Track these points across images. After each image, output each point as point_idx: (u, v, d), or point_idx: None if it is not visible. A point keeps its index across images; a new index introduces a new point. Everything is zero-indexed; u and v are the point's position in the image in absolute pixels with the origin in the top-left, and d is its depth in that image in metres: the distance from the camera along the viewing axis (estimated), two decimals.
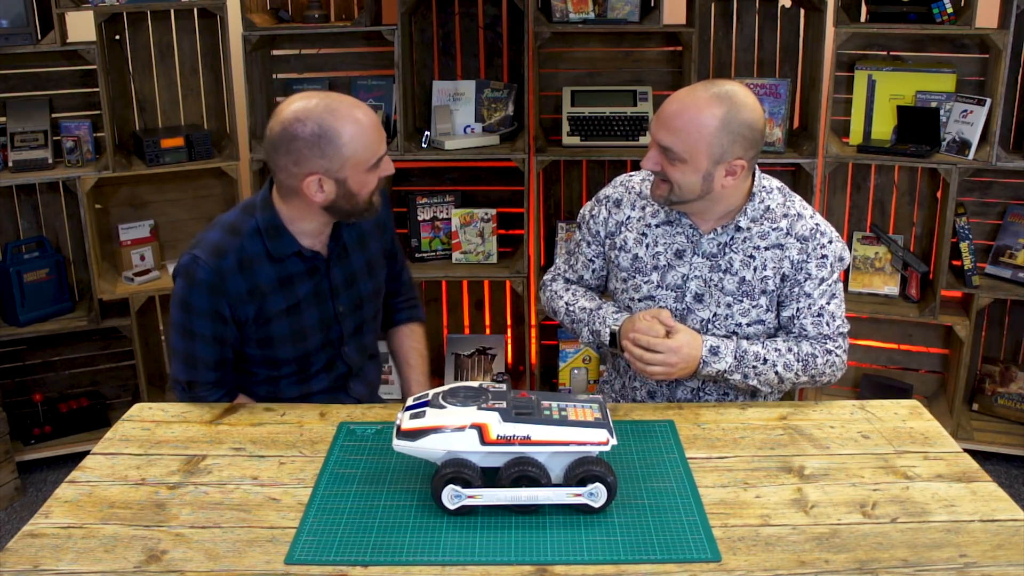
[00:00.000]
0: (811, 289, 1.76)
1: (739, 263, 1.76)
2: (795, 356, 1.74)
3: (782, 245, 1.76)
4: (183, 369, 1.77)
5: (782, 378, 1.74)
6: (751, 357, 1.72)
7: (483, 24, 3.24)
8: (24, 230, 3.17)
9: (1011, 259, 3.04)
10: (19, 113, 3.00)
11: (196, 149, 3.05)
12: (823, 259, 1.75)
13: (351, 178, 1.66)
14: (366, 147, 1.65)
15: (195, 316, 1.72)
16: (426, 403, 1.36)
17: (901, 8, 2.85)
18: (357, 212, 1.72)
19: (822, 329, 1.77)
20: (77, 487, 1.43)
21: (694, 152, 1.63)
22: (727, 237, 1.76)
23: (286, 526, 1.32)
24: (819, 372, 1.76)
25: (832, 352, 1.77)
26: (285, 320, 1.77)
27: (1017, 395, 3.14)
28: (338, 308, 1.83)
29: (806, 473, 1.46)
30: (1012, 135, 3.03)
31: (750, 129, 1.65)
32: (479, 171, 3.35)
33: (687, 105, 1.64)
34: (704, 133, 1.62)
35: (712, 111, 1.62)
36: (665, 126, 1.65)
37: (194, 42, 3.18)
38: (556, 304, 1.95)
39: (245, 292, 1.72)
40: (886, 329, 3.34)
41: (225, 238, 1.72)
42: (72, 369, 3.32)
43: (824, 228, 1.78)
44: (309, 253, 1.76)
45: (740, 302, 1.77)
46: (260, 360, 1.81)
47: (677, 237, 1.79)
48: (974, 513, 1.35)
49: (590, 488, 1.32)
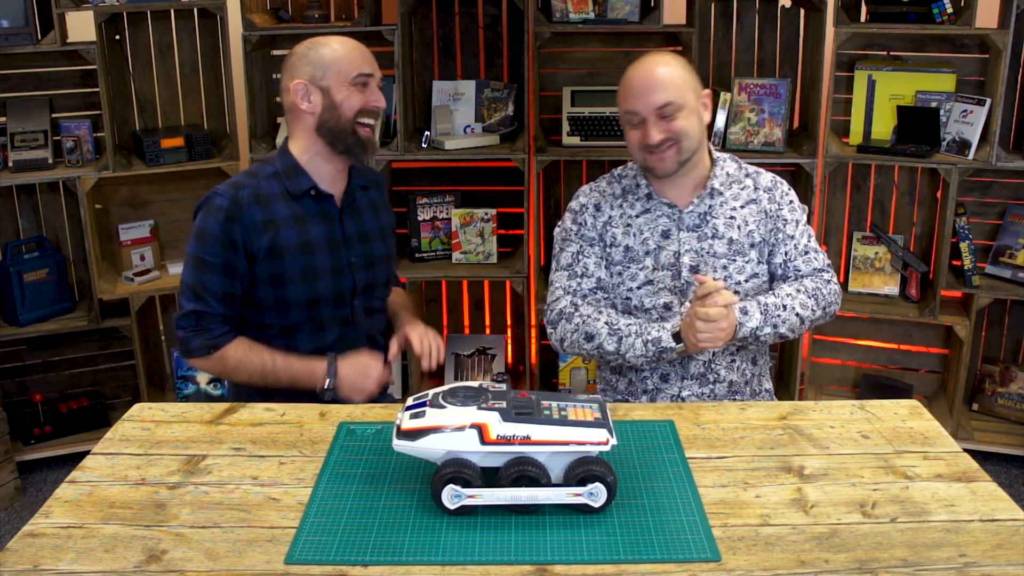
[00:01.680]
0: (792, 231, 1.91)
1: (723, 226, 1.89)
2: (806, 294, 1.85)
3: (755, 200, 1.92)
4: (192, 299, 1.82)
5: (803, 318, 1.83)
6: (772, 308, 1.81)
7: (483, 24, 3.24)
8: (24, 230, 3.18)
9: (1011, 259, 3.04)
10: (19, 113, 3.00)
11: (196, 149, 3.05)
12: (791, 203, 1.94)
13: (334, 88, 1.81)
14: (347, 59, 1.82)
15: (208, 243, 1.80)
16: (426, 403, 1.37)
17: (901, 8, 2.85)
18: (345, 136, 1.84)
19: (813, 264, 1.91)
20: (77, 487, 1.43)
21: (684, 92, 1.81)
22: (705, 206, 1.89)
23: (286, 526, 1.32)
24: (827, 302, 1.89)
25: (830, 281, 1.91)
26: (298, 257, 1.84)
27: (1017, 395, 3.14)
28: (351, 258, 1.91)
29: (806, 473, 1.46)
30: (1012, 135, 3.03)
31: (692, 68, 1.90)
32: (479, 171, 3.35)
33: (651, 67, 1.82)
34: (682, 75, 1.82)
35: (667, 58, 1.85)
36: (652, 89, 1.79)
37: (194, 42, 3.18)
38: (593, 327, 1.83)
39: (260, 222, 1.81)
40: (886, 329, 3.34)
41: (244, 178, 1.87)
42: (72, 369, 3.32)
43: (779, 179, 1.96)
44: (325, 193, 1.87)
45: (734, 261, 1.88)
46: (272, 303, 1.85)
47: (659, 220, 1.90)
48: (974, 513, 1.35)
49: (590, 488, 1.32)
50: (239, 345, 1.84)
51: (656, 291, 1.89)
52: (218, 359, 1.83)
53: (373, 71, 1.86)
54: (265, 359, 1.84)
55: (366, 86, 1.84)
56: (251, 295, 1.85)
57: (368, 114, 1.85)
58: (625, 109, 1.84)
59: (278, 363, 1.84)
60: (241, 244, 1.80)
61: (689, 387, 1.90)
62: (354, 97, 1.83)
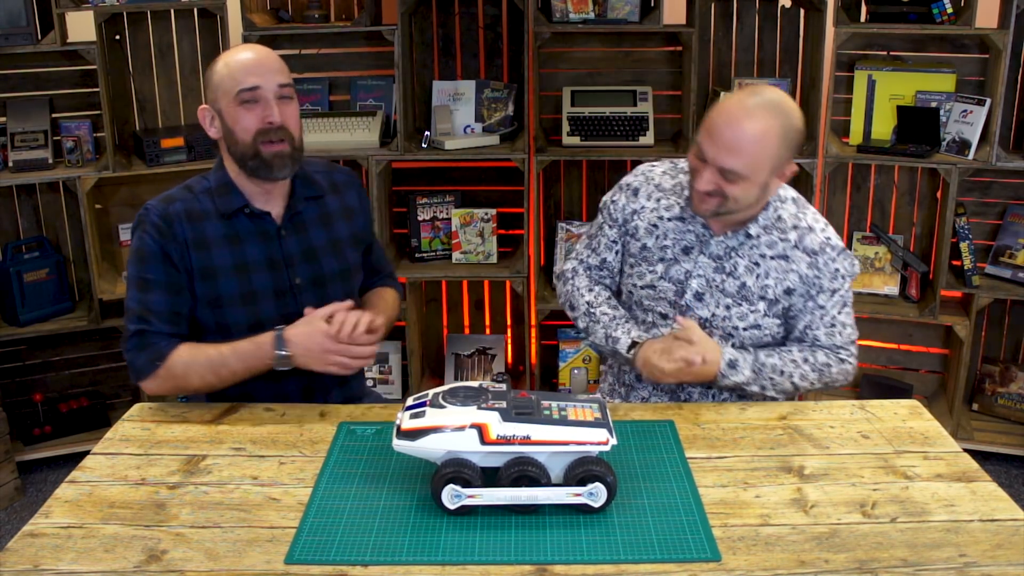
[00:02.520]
0: (824, 302, 1.79)
1: (743, 268, 1.79)
2: (811, 367, 1.78)
3: (788, 257, 1.78)
4: (135, 321, 1.71)
5: (797, 387, 1.77)
6: (768, 370, 1.75)
7: (483, 24, 3.24)
8: (24, 230, 3.17)
9: (1011, 259, 3.04)
10: (19, 113, 3.00)
11: (196, 149, 3.05)
12: (835, 272, 1.78)
13: (224, 110, 1.69)
14: (230, 76, 1.67)
15: (148, 262, 1.71)
16: (426, 403, 1.37)
17: (901, 8, 2.85)
18: (247, 159, 1.70)
19: (835, 340, 1.80)
20: (77, 487, 1.43)
21: (757, 169, 1.64)
22: (736, 242, 1.79)
23: (286, 526, 1.32)
24: (832, 379, 1.80)
25: (845, 361, 1.81)
26: (234, 279, 1.74)
27: (1017, 395, 3.14)
28: (294, 279, 1.79)
29: (806, 473, 1.46)
30: (1012, 135, 3.03)
31: (800, 134, 1.69)
32: (479, 171, 3.35)
33: (746, 125, 1.61)
34: (768, 151, 1.63)
35: (771, 125, 1.62)
36: (728, 149, 1.62)
37: (194, 42, 3.18)
38: (576, 300, 1.93)
39: (190, 239, 1.72)
40: (886, 329, 3.34)
41: (178, 192, 1.77)
42: (72, 369, 3.32)
43: (835, 242, 1.79)
44: (258, 211, 1.76)
45: (739, 305, 1.79)
46: (213, 326, 1.76)
47: (687, 235, 1.82)
48: (974, 513, 1.35)
49: (590, 488, 1.32)
50: (182, 350, 1.70)
51: (656, 298, 1.85)
52: (166, 370, 1.69)
53: (260, 83, 1.66)
54: (211, 353, 1.69)
55: (255, 102, 1.67)
56: (193, 317, 1.76)
57: (266, 133, 1.67)
58: (698, 140, 1.69)
59: (224, 352, 1.69)
60: (179, 260, 1.71)
61: (658, 397, 1.89)
62: (245, 118, 1.67)
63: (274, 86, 1.68)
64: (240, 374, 1.71)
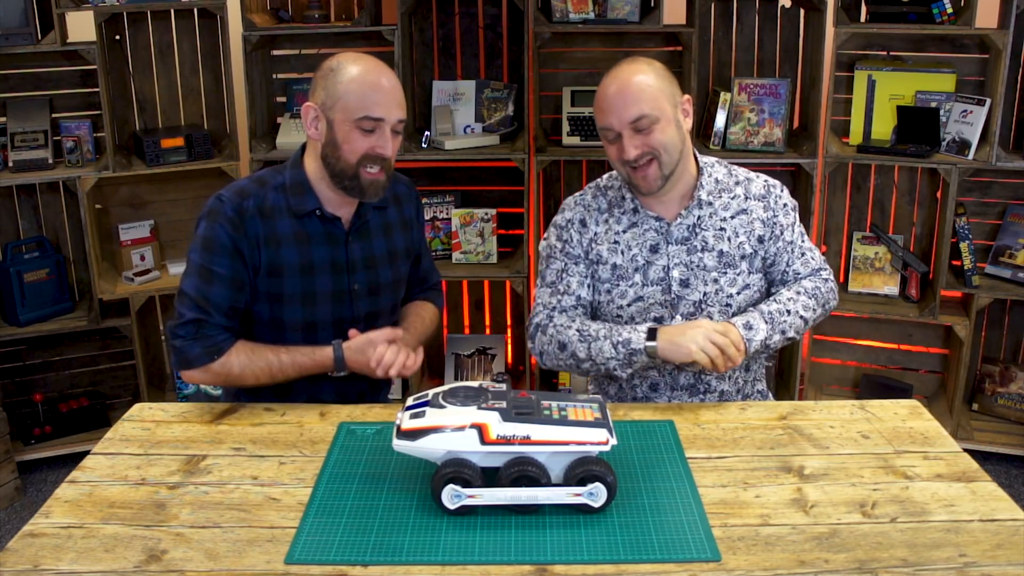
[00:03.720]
0: (789, 237, 1.88)
1: (712, 238, 1.83)
2: (806, 294, 1.83)
3: (745, 210, 1.86)
4: (193, 309, 1.70)
5: (806, 319, 1.82)
6: (777, 315, 1.77)
7: (483, 24, 3.24)
8: (24, 230, 3.18)
9: (1011, 259, 3.04)
10: (19, 113, 3.00)
11: (196, 149, 3.05)
12: (785, 207, 1.88)
13: (337, 123, 1.69)
14: (358, 95, 1.67)
15: (216, 254, 1.71)
16: (426, 403, 1.37)
17: (901, 8, 2.85)
18: (345, 178, 1.71)
19: (810, 264, 1.90)
20: (77, 487, 1.43)
21: (659, 103, 1.72)
22: (693, 218, 1.83)
23: (286, 526, 1.32)
24: (826, 299, 1.88)
25: (827, 280, 1.90)
26: (298, 278, 1.76)
27: (1017, 395, 3.14)
28: (353, 285, 1.81)
29: (806, 473, 1.46)
30: (1012, 135, 3.03)
31: (670, 74, 1.80)
32: (479, 171, 3.35)
33: (623, 78, 1.74)
34: (656, 85, 1.74)
35: (641, 67, 1.76)
36: (624, 104, 1.72)
37: (194, 42, 3.18)
38: (565, 335, 1.81)
39: (262, 236, 1.73)
40: (886, 329, 3.34)
41: (251, 186, 1.77)
42: (72, 369, 3.32)
43: (773, 181, 1.91)
44: (329, 215, 1.77)
45: (724, 274, 1.83)
46: (267, 320, 1.77)
47: (647, 234, 1.85)
48: (974, 513, 1.35)
49: (590, 488, 1.32)
50: (241, 348, 1.73)
51: (647, 307, 1.83)
52: (221, 365, 1.71)
53: (385, 115, 1.68)
54: (270, 358, 1.73)
55: (373, 132, 1.69)
56: (249, 309, 1.78)
57: (372, 160, 1.70)
58: (600, 125, 1.76)
59: (283, 359, 1.74)
60: (247, 255, 1.72)
61: (679, 397, 1.87)
62: (357, 141, 1.68)
63: (395, 120, 1.71)
64: (292, 378, 1.77)
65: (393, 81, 1.72)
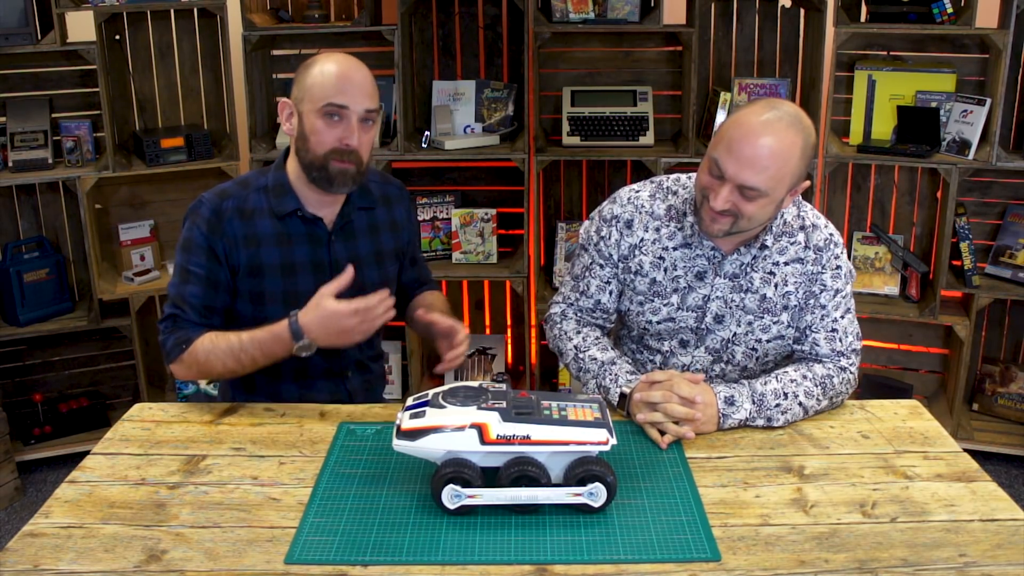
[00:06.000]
0: (826, 301, 1.72)
1: (759, 280, 1.72)
2: (812, 381, 1.65)
3: (801, 259, 1.72)
4: (171, 307, 1.75)
5: (806, 408, 1.63)
6: (770, 396, 1.61)
7: (483, 24, 3.24)
8: (24, 230, 3.18)
9: (1011, 259, 3.04)
10: (19, 113, 3.00)
11: (196, 149, 3.05)
12: (837, 270, 1.73)
13: (306, 114, 1.68)
14: (323, 85, 1.66)
15: (192, 254, 1.74)
16: (426, 403, 1.37)
17: (901, 8, 2.85)
18: (314, 169, 1.70)
19: (835, 346, 1.72)
20: (77, 487, 1.43)
21: (777, 186, 1.57)
22: (750, 257, 1.72)
23: (286, 526, 1.32)
24: (836, 392, 1.68)
25: (846, 369, 1.71)
26: (279, 277, 1.77)
27: (1017, 395, 3.14)
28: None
29: (806, 473, 1.46)
30: (1012, 135, 3.03)
31: (815, 150, 1.64)
32: (479, 171, 3.35)
33: (769, 140, 1.54)
34: (789, 167, 1.56)
35: (794, 141, 1.56)
36: (750, 165, 1.54)
37: (194, 42, 3.18)
38: (564, 345, 1.82)
39: (241, 236, 1.74)
40: (886, 329, 3.34)
41: (233, 187, 1.79)
42: (72, 369, 3.32)
43: (837, 238, 1.75)
44: (310, 216, 1.78)
45: (761, 319, 1.73)
46: (250, 319, 1.77)
47: (698, 260, 1.73)
48: (974, 513, 1.35)
49: (590, 488, 1.32)
50: (207, 337, 1.72)
51: (676, 329, 1.77)
52: (190, 355, 1.71)
53: (349, 103, 1.65)
54: (231, 340, 1.70)
55: (339, 119, 1.66)
56: (232, 308, 1.79)
57: (340, 154, 1.67)
58: (713, 153, 1.58)
59: (243, 340, 1.69)
60: (223, 257, 1.74)
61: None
62: (324, 132, 1.67)
63: (361, 109, 1.68)
64: (261, 361, 1.72)
65: (363, 73, 1.70)
